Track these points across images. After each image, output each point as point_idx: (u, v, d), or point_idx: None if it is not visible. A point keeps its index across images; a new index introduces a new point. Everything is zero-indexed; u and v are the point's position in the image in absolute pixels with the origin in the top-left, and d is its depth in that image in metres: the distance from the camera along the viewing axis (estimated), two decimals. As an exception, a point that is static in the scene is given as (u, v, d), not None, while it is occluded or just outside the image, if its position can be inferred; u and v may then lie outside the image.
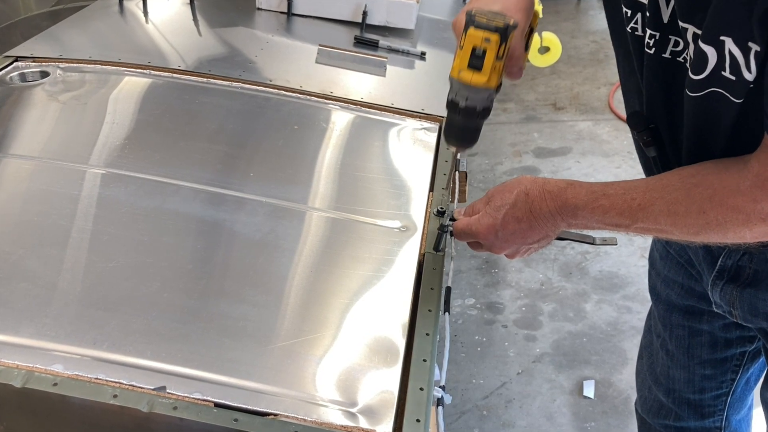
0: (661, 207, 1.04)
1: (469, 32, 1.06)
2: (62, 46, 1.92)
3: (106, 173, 1.44)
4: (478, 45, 1.05)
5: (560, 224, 1.15)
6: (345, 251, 1.33)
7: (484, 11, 1.08)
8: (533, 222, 1.16)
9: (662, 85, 1.10)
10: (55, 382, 0.99)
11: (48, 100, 1.68)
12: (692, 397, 1.56)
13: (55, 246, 1.25)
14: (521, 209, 1.17)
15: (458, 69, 1.09)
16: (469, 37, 1.06)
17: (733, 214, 0.97)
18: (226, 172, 1.50)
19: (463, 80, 1.09)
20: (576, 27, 5.31)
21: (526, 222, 1.17)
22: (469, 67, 1.07)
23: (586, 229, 1.17)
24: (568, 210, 1.13)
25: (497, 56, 1.07)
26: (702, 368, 1.51)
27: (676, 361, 1.54)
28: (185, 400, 0.99)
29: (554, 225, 1.16)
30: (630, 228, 1.09)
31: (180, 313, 1.15)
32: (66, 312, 1.12)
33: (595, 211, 1.10)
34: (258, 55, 2.00)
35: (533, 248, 1.23)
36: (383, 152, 1.66)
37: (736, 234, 1.00)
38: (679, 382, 1.56)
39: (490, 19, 1.06)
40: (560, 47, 3.01)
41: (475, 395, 2.57)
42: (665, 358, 1.56)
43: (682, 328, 1.50)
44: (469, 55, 1.06)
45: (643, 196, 1.06)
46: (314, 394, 1.04)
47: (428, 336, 1.14)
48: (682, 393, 1.57)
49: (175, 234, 1.32)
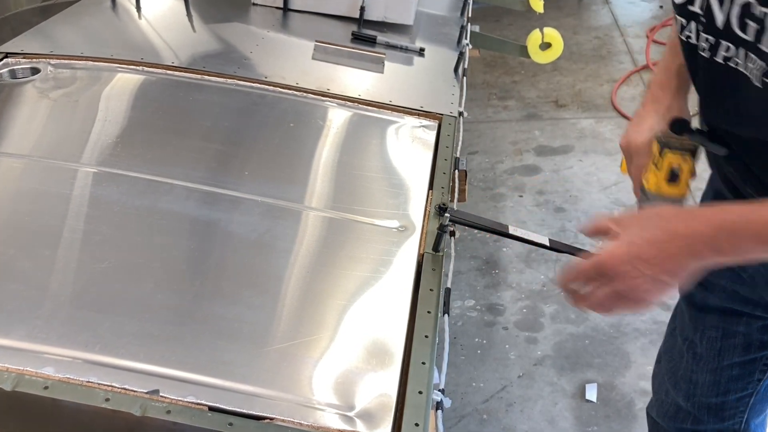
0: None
1: (667, 155, 1.24)
2: (53, 42, 1.92)
3: (98, 172, 1.44)
4: (675, 165, 1.24)
5: (703, 251, 1.03)
6: (342, 251, 1.33)
7: (671, 135, 1.25)
8: (671, 239, 1.05)
9: (719, 88, 1.13)
10: (46, 386, 0.99)
11: (38, 98, 1.68)
12: (714, 400, 1.56)
13: (46, 246, 1.25)
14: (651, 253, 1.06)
15: (656, 184, 1.27)
16: (667, 158, 1.25)
17: None
18: (221, 170, 1.50)
19: (664, 194, 1.27)
20: (578, 23, 5.31)
21: (662, 239, 1.05)
22: (668, 182, 1.26)
23: (730, 261, 1.04)
24: (724, 229, 1.02)
25: (691, 172, 1.26)
26: (730, 370, 1.52)
27: (704, 363, 1.54)
28: (179, 404, 0.99)
29: (693, 252, 1.04)
30: None
31: (174, 315, 1.15)
32: (57, 314, 1.12)
33: (758, 232, 1.00)
34: (253, 51, 2.00)
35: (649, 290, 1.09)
36: (381, 150, 1.66)
37: None
38: (702, 386, 1.56)
39: (682, 142, 1.24)
40: (562, 43, 3.02)
41: (475, 399, 2.57)
42: (691, 361, 1.56)
43: (715, 329, 1.49)
44: (667, 173, 1.26)
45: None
46: (311, 398, 1.04)
47: (427, 338, 1.14)
48: (703, 397, 1.57)
49: (168, 234, 1.32)
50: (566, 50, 3.29)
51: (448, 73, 2.06)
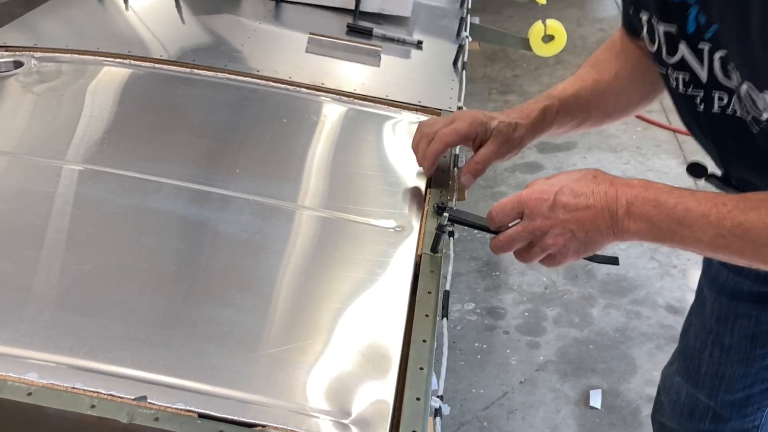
0: (755, 218, 1.03)
1: None
2: (37, 34, 1.92)
3: (83, 169, 1.44)
4: None
5: (624, 220, 1.11)
6: (337, 252, 1.33)
7: None
8: (593, 203, 1.12)
9: (725, 137, 1.18)
10: (29, 392, 0.99)
11: (22, 92, 1.68)
12: (741, 394, 1.58)
13: (29, 247, 1.25)
14: (582, 187, 1.14)
15: None
16: None
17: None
18: (211, 168, 1.50)
19: None
20: (582, 14, 5.33)
21: (584, 198, 1.13)
22: None
23: (651, 236, 1.11)
24: (647, 200, 1.10)
25: None
26: (763, 359, 1.53)
27: (735, 353, 1.55)
28: (167, 411, 0.99)
29: (615, 218, 1.11)
30: (705, 242, 1.07)
31: (162, 318, 1.15)
32: (41, 317, 1.12)
33: (676, 210, 1.08)
34: (245, 44, 2.00)
35: (571, 250, 1.17)
36: (377, 147, 1.66)
37: None
38: (730, 380, 1.57)
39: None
40: (565, 36, 3.02)
41: (475, 406, 2.57)
42: (718, 354, 1.57)
43: (748, 318, 1.51)
44: None
45: (736, 204, 1.05)
46: (304, 404, 1.04)
47: (425, 343, 1.15)
48: (728, 393, 1.58)
49: (156, 234, 1.32)
50: (570, 43, 3.30)
51: (447, 66, 2.06)
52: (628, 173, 3.75)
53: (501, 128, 1.40)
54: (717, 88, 1.13)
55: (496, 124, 1.40)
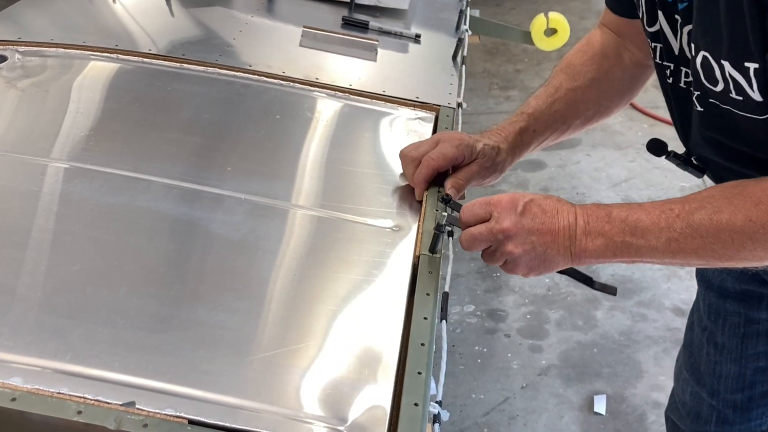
0: (702, 217, 1.09)
1: None
2: (21, 27, 1.92)
3: (69, 167, 1.44)
4: None
5: (581, 239, 1.18)
6: (332, 253, 1.33)
7: None
8: (556, 221, 1.20)
9: (689, 113, 1.25)
10: (13, 397, 0.99)
11: (5, 87, 1.67)
12: (740, 396, 1.59)
13: (14, 247, 1.24)
14: (549, 204, 1.21)
15: None
16: None
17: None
18: (202, 166, 1.50)
19: None
20: (585, 7, 5.33)
21: (550, 216, 1.20)
22: None
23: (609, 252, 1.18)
24: (600, 217, 1.17)
25: None
26: (756, 360, 1.56)
27: (727, 353, 1.57)
28: (156, 417, 0.99)
29: (573, 239, 1.19)
30: (661, 248, 1.13)
31: (151, 322, 1.15)
32: (25, 320, 1.12)
33: (627, 222, 1.15)
34: (236, 37, 2.00)
35: (524, 263, 1.23)
36: (374, 144, 1.67)
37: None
38: (726, 379, 1.59)
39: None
40: (568, 29, 3.02)
41: (475, 411, 2.57)
42: (713, 353, 1.59)
43: (737, 315, 1.54)
44: None
45: (682, 206, 1.12)
46: (298, 410, 1.04)
47: (424, 346, 1.15)
48: (728, 393, 1.60)
49: (145, 234, 1.32)
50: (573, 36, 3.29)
51: (446, 61, 2.06)
52: (634, 171, 3.76)
53: (486, 151, 1.44)
54: (685, 65, 1.21)
55: (481, 146, 1.44)
